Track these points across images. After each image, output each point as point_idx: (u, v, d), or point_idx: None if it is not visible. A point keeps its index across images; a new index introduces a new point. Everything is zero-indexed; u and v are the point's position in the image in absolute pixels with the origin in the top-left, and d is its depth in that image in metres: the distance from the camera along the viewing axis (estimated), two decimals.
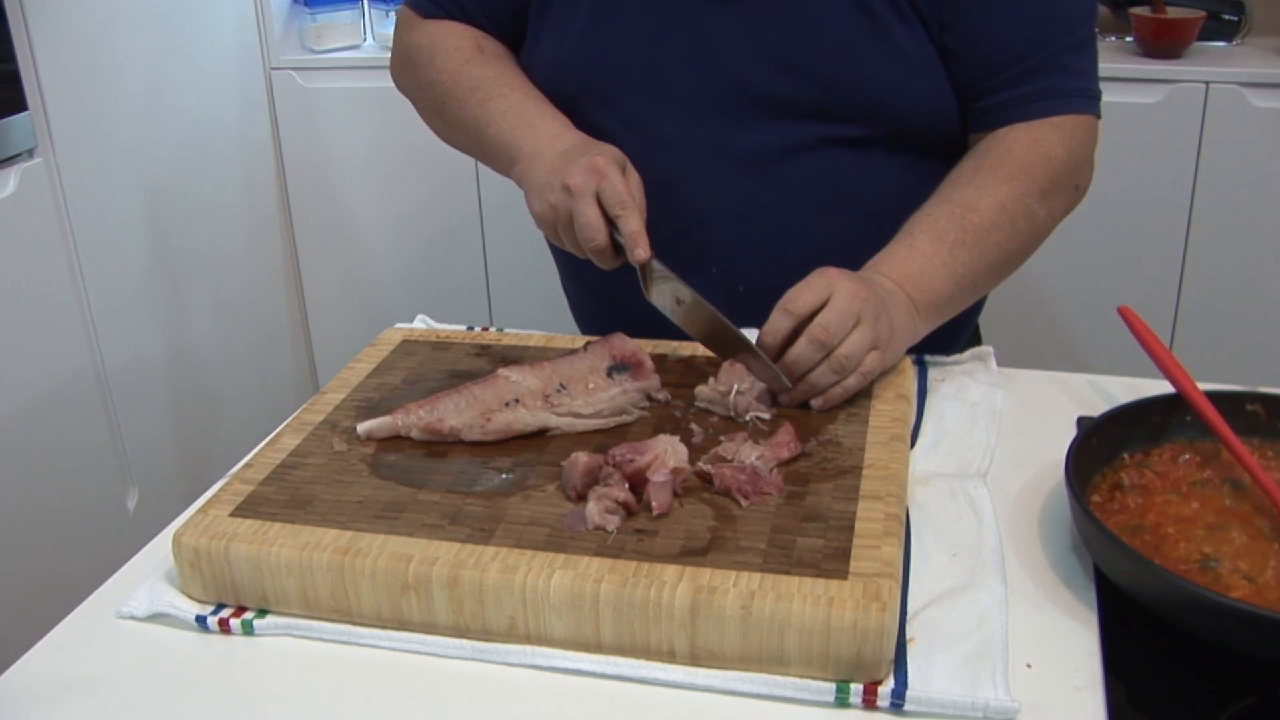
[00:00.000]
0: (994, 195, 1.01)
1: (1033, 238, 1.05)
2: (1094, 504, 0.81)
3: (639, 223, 0.95)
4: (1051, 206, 1.04)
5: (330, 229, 2.31)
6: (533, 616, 0.73)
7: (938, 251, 0.98)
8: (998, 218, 1.00)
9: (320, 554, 0.76)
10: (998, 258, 1.01)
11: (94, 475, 1.78)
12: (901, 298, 0.96)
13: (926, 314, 0.98)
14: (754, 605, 0.70)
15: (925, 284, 0.97)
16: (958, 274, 0.99)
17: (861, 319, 0.90)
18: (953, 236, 0.99)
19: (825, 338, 0.89)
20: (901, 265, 0.98)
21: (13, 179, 1.63)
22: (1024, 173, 1.02)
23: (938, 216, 1.00)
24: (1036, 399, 1.01)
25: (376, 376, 1.00)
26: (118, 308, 1.83)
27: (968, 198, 1.01)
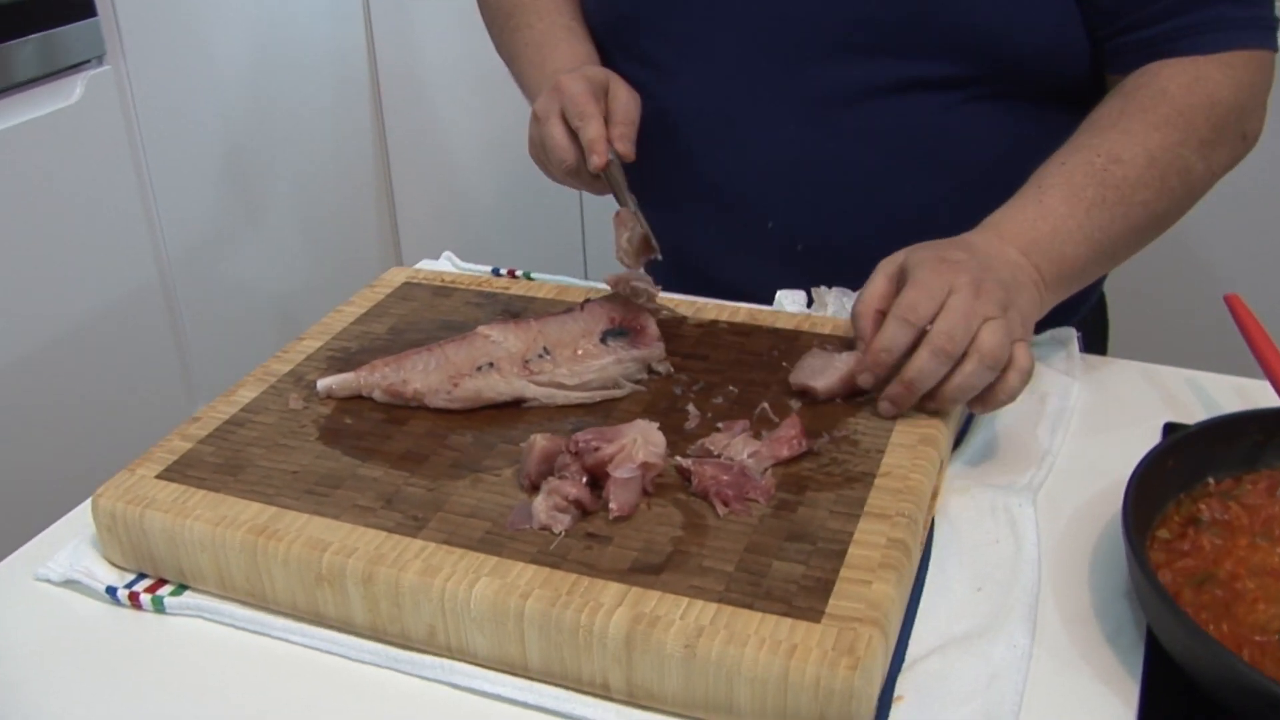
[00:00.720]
0: (1143, 144, 0.83)
1: (1187, 196, 0.86)
2: (1159, 542, 0.66)
3: (598, 129, 0.87)
4: (1212, 159, 0.86)
5: (426, 144, 2.21)
6: (453, 627, 0.63)
7: (1073, 211, 0.81)
8: (1145, 172, 0.82)
9: (234, 532, 0.67)
10: (1142, 220, 0.84)
11: (159, 389, 1.76)
12: (1028, 273, 0.79)
13: (1055, 287, 0.82)
14: (699, 645, 0.57)
15: (1056, 252, 0.80)
16: (1094, 239, 0.82)
17: (989, 315, 0.73)
18: (1091, 193, 0.81)
19: (950, 348, 0.72)
20: (1029, 228, 0.81)
21: (79, 86, 1.58)
22: (1181, 118, 0.84)
23: (1074, 167, 0.83)
24: (1120, 396, 0.84)
25: (363, 323, 0.90)
26: (188, 221, 1.79)
27: (1111, 146, 0.83)
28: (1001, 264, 0.77)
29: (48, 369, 1.56)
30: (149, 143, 1.69)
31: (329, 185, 2.11)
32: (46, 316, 1.56)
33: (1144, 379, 0.86)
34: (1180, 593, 0.62)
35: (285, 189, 2.00)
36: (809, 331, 0.85)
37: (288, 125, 1.97)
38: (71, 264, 1.59)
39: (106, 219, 1.65)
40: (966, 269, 0.74)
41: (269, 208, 1.98)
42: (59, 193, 1.56)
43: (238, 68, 1.86)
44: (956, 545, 0.70)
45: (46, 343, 1.56)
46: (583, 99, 0.88)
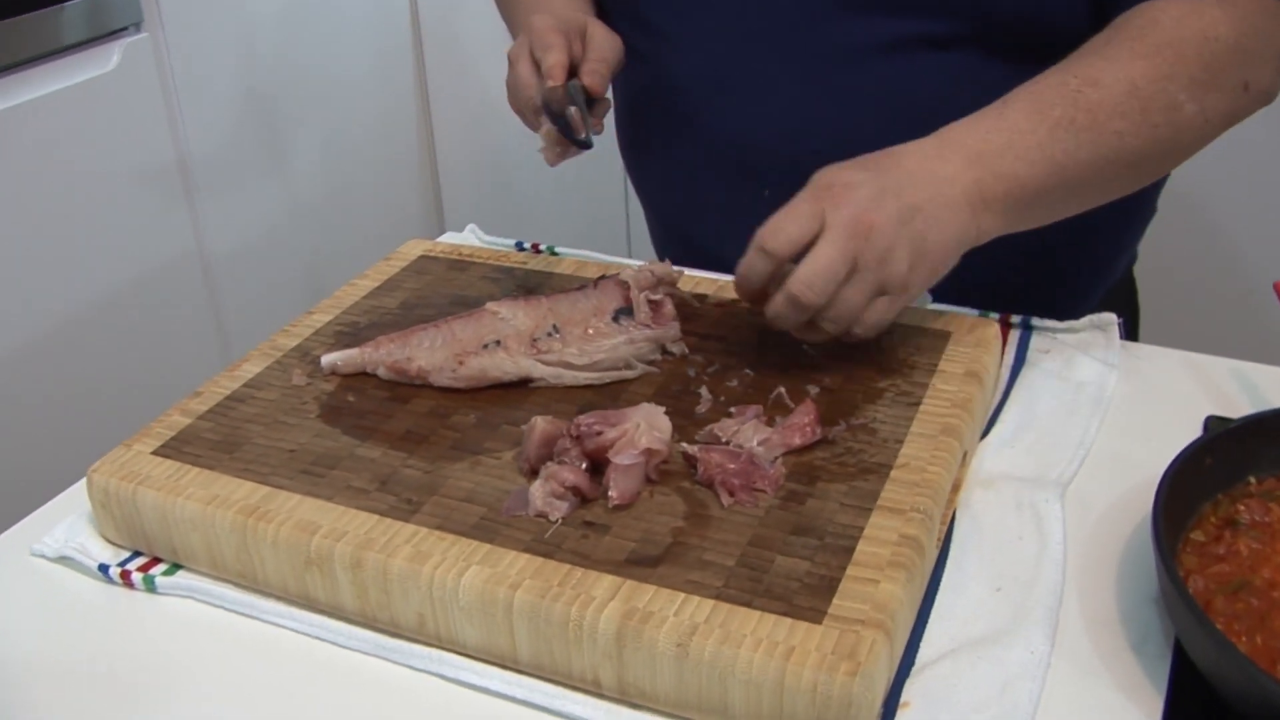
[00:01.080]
0: (1126, 71, 0.76)
1: (1173, 138, 0.78)
2: (1192, 544, 0.62)
3: (557, 57, 0.84)
4: (1205, 102, 0.77)
5: (470, 112, 2.18)
6: (441, 616, 0.60)
7: (1035, 127, 0.74)
8: (1124, 100, 0.75)
9: (225, 512, 0.65)
10: (1115, 152, 0.76)
11: (196, 358, 1.76)
12: (960, 187, 0.72)
13: (1000, 210, 0.74)
14: (692, 644, 0.55)
15: (1005, 166, 0.73)
16: (1055, 161, 0.74)
17: (860, 264, 0.69)
18: (1059, 113, 0.74)
19: (807, 299, 0.69)
20: (980, 138, 0.74)
21: (115, 54, 1.57)
22: (1170, 49, 0.76)
23: (1045, 87, 0.76)
24: (1161, 387, 0.80)
25: (375, 297, 0.88)
26: (224, 190, 1.78)
27: (1090, 69, 0.76)
28: (922, 183, 0.71)
29: (84, 337, 1.57)
30: (186, 110, 1.68)
31: (370, 154, 2.09)
32: (83, 284, 1.56)
33: (1186, 369, 0.81)
34: (1211, 601, 0.58)
35: (325, 157, 1.99)
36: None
37: (328, 93, 1.96)
38: (108, 232, 1.59)
39: (143, 186, 1.64)
40: (851, 200, 0.70)
41: (308, 175, 1.96)
42: (95, 160, 1.56)
43: (275, 34, 1.84)
44: (977, 541, 0.67)
45: (83, 309, 1.56)
46: (548, 33, 0.85)
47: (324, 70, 1.95)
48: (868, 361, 0.75)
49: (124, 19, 1.58)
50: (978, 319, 0.79)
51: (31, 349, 1.50)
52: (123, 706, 0.61)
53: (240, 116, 1.81)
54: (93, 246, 1.57)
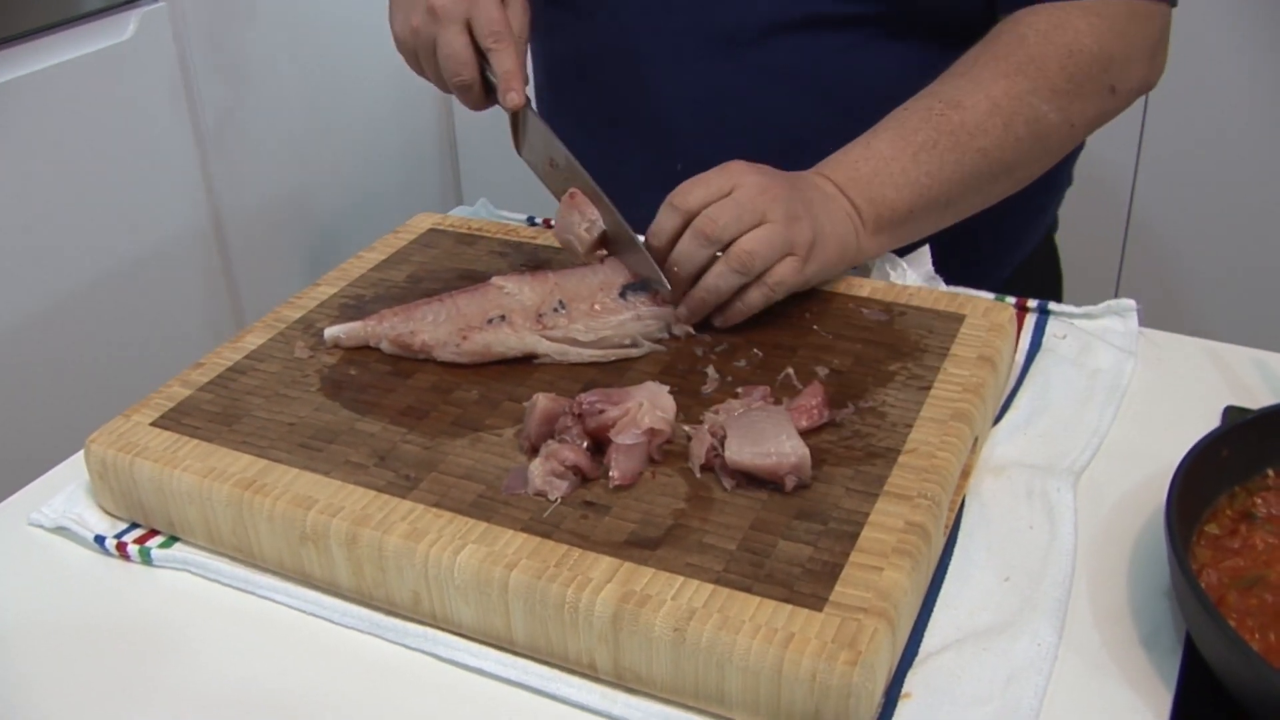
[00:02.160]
0: (987, 91, 0.80)
1: (1039, 147, 0.83)
2: (1207, 537, 0.60)
3: (514, 60, 0.81)
4: (1070, 110, 0.82)
5: None
6: (437, 595, 0.59)
7: (899, 154, 0.79)
8: (986, 119, 0.80)
9: (222, 485, 0.65)
10: (980, 167, 0.81)
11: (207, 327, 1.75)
12: (842, 205, 0.78)
13: (876, 228, 0.80)
14: (690, 628, 0.53)
15: (875, 191, 0.79)
16: (919, 183, 0.79)
17: (768, 218, 0.73)
18: (922, 137, 0.80)
19: (711, 230, 0.72)
20: (849, 167, 0.80)
21: (132, 23, 1.56)
22: (1033, 65, 0.81)
23: (911, 112, 0.81)
24: (1179, 375, 0.78)
25: (381, 270, 0.87)
26: (241, 160, 1.77)
27: (954, 92, 0.81)
28: (812, 188, 0.77)
29: (96, 306, 1.56)
30: (202, 80, 1.67)
31: (389, 126, 2.08)
32: (95, 253, 1.55)
33: (1206, 357, 0.79)
34: (1225, 596, 0.56)
35: (343, 127, 1.97)
36: (845, 294, 0.80)
37: (345, 64, 1.94)
38: (121, 201, 1.58)
39: (158, 156, 1.63)
40: (759, 173, 0.75)
41: (325, 147, 1.95)
42: (110, 129, 1.55)
43: (293, 5, 1.83)
44: (986, 529, 0.65)
45: (95, 279, 1.56)
46: (499, 17, 0.81)
47: (342, 41, 1.93)
48: (878, 343, 0.74)
49: None
50: (992, 302, 0.78)
51: (42, 317, 1.49)
52: (117, 678, 0.60)
53: (256, 87, 1.80)
54: (106, 216, 1.56)
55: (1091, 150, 1.45)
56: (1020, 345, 0.80)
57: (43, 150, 1.46)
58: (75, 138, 1.50)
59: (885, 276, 0.85)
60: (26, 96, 1.44)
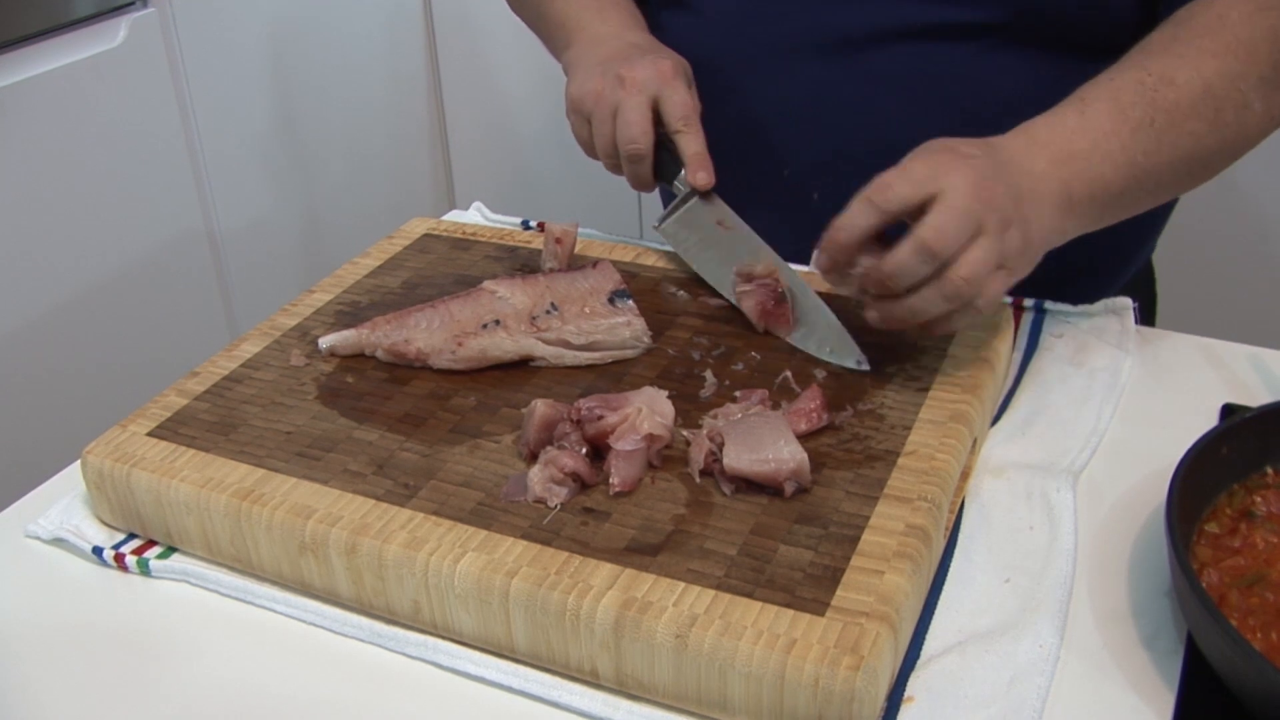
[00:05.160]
0: (1200, 70, 0.74)
1: (1240, 138, 0.76)
2: (1207, 536, 0.60)
3: (703, 143, 0.82)
4: (1272, 102, 0.76)
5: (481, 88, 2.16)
6: (437, 604, 0.59)
7: (1118, 129, 0.72)
8: (1200, 101, 0.73)
9: (219, 495, 0.64)
10: (1190, 153, 0.74)
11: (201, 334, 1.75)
12: (1052, 187, 0.70)
13: (1084, 211, 0.72)
14: (692, 635, 0.53)
15: (1093, 169, 0.71)
16: (1136, 163, 0.72)
17: (984, 228, 0.65)
18: (1139, 113, 0.72)
19: (938, 246, 0.64)
20: (1067, 140, 0.72)
21: (122, 29, 1.56)
22: (1243, 48, 0.74)
23: (1122, 85, 0.74)
24: (1177, 373, 0.78)
25: (376, 276, 0.87)
26: (233, 165, 1.77)
27: (1164, 67, 0.74)
28: (1021, 173, 0.69)
29: (89, 314, 1.56)
30: (193, 85, 1.67)
31: (381, 130, 2.08)
32: (88, 261, 1.55)
33: (1203, 355, 0.79)
34: (1226, 595, 0.56)
35: (334, 133, 1.97)
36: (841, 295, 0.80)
37: (337, 68, 1.94)
38: (114, 208, 1.58)
39: (150, 163, 1.63)
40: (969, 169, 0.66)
41: (316, 152, 1.95)
42: (102, 136, 1.54)
43: (284, 9, 1.82)
44: (986, 531, 0.65)
45: (88, 287, 1.55)
46: (689, 103, 0.82)
47: (334, 46, 1.93)
48: (875, 345, 0.74)
49: None
50: None
51: (35, 327, 1.49)
52: (117, 689, 0.60)
53: (248, 93, 1.79)
54: (99, 223, 1.56)
55: None
56: (1017, 345, 0.80)
57: (34, 157, 1.46)
58: (66, 145, 1.49)
59: None
60: (17, 103, 1.43)
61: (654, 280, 0.83)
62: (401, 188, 2.17)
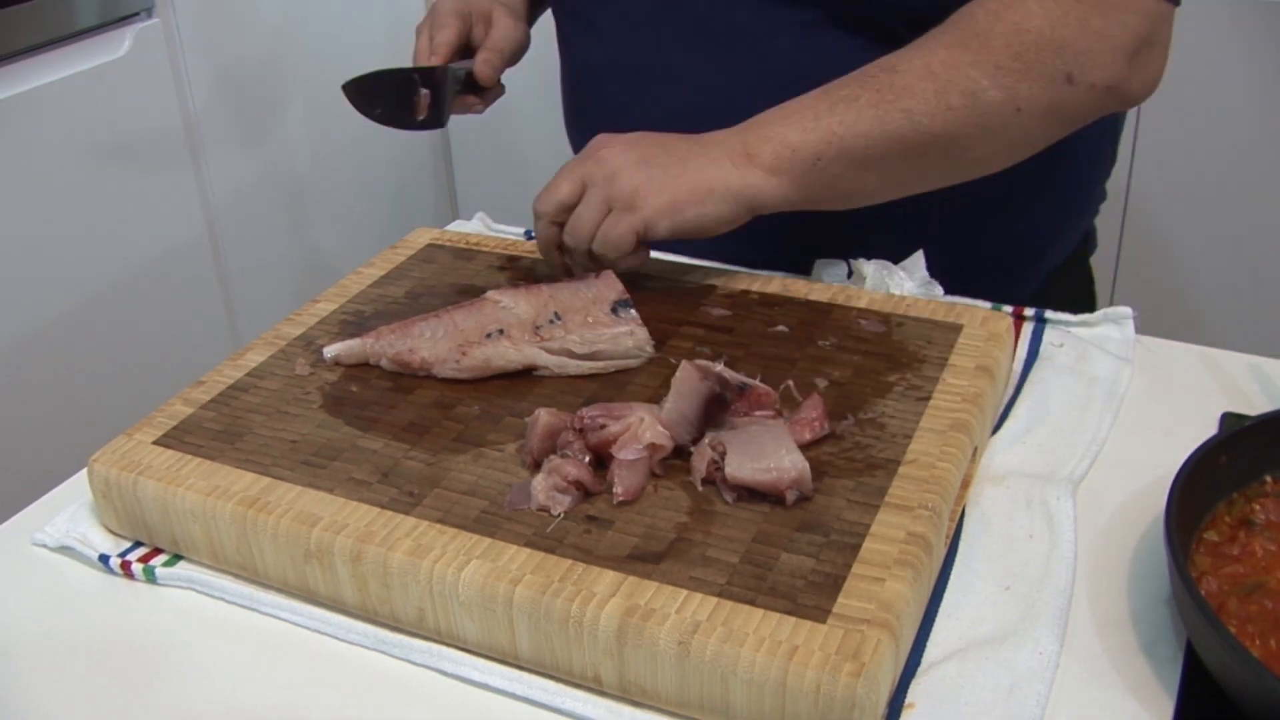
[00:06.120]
0: (924, 58, 0.78)
1: (979, 122, 0.78)
2: (1206, 545, 0.61)
3: (447, 35, 0.92)
4: (1015, 90, 0.77)
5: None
6: (442, 611, 0.60)
7: (815, 105, 0.79)
8: (918, 81, 0.77)
9: (225, 503, 0.65)
10: (905, 127, 0.77)
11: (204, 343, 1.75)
12: (723, 146, 0.79)
13: (777, 166, 0.78)
14: (694, 642, 0.54)
15: (773, 130, 0.78)
16: (830, 130, 0.77)
17: (588, 184, 0.80)
18: (844, 93, 0.78)
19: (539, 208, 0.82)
20: (758, 117, 0.81)
21: (127, 39, 1.57)
22: (976, 40, 0.78)
23: (846, 78, 0.81)
24: (1176, 382, 0.78)
25: (380, 286, 0.87)
26: (236, 175, 1.78)
27: (892, 59, 0.80)
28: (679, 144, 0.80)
29: (93, 322, 1.57)
30: (197, 96, 1.68)
31: (383, 139, 2.08)
32: (92, 269, 1.56)
33: (1202, 364, 0.80)
34: (1225, 603, 0.56)
35: (337, 142, 1.98)
36: (844, 305, 0.81)
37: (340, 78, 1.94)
38: (119, 217, 1.59)
39: (154, 172, 1.64)
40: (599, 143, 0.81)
41: (320, 161, 1.96)
42: (107, 145, 1.55)
43: (287, 20, 1.83)
44: (986, 539, 0.66)
45: (92, 295, 1.56)
46: (445, 12, 0.93)
47: (336, 57, 1.94)
48: (876, 355, 0.74)
49: (136, 4, 1.57)
50: (990, 312, 0.78)
51: (39, 335, 1.50)
52: (123, 697, 0.60)
53: (252, 103, 1.80)
54: (103, 232, 1.56)
55: None
56: (1018, 354, 0.81)
57: (39, 167, 1.46)
58: (72, 154, 1.50)
59: (883, 286, 0.85)
60: (23, 114, 1.44)
61: (657, 290, 0.84)
62: (404, 198, 2.18)
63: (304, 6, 1.87)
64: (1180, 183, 1.64)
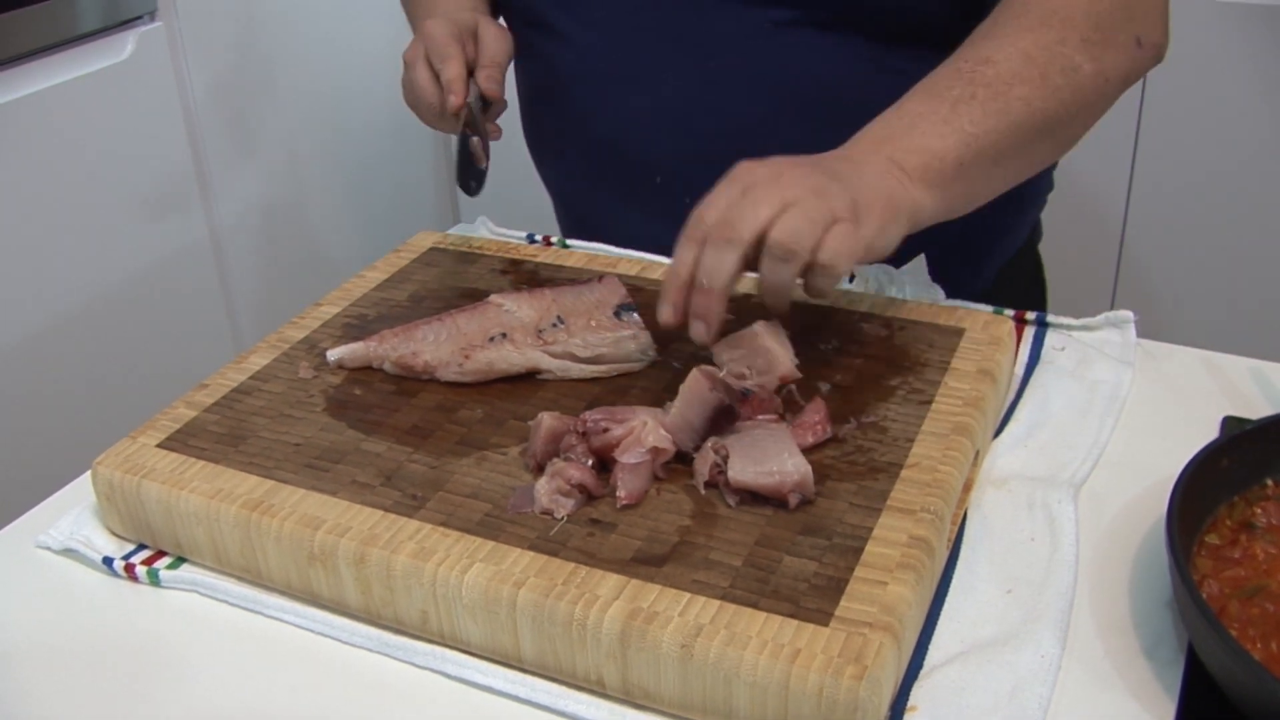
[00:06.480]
0: (1015, 44, 0.77)
1: (1078, 98, 0.78)
2: (1207, 548, 0.61)
3: (456, 69, 0.88)
4: (1103, 61, 0.78)
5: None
6: (445, 614, 0.60)
7: (935, 109, 0.75)
8: (1022, 68, 0.76)
9: (229, 506, 0.65)
10: (1025, 115, 0.76)
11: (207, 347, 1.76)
12: (877, 163, 0.73)
13: (925, 179, 0.73)
14: (697, 645, 0.54)
15: (914, 141, 0.74)
16: (964, 131, 0.74)
17: (790, 200, 0.67)
18: (957, 91, 0.76)
19: (728, 232, 0.67)
20: (881, 127, 0.76)
21: (130, 43, 1.57)
22: (1056, 17, 0.78)
23: (939, 76, 0.78)
24: (1178, 386, 0.79)
25: (383, 290, 0.88)
26: (239, 179, 1.78)
27: (980, 51, 0.78)
28: (838, 160, 0.72)
29: (96, 327, 1.57)
30: (199, 100, 1.68)
31: (384, 144, 2.09)
32: (94, 274, 1.56)
33: (1204, 368, 0.80)
34: (1226, 606, 0.57)
35: (339, 147, 1.98)
36: (845, 308, 0.81)
37: (342, 82, 1.95)
38: (120, 221, 1.59)
39: (156, 176, 1.64)
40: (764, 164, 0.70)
41: (322, 166, 1.96)
42: (109, 149, 1.55)
43: (289, 24, 1.84)
44: (988, 542, 0.66)
45: (94, 299, 1.56)
46: (443, 40, 0.89)
47: (338, 60, 1.94)
48: (878, 358, 0.75)
49: (138, 8, 1.57)
50: (991, 315, 0.78)
51: (41, 339, 1.50)
52: (126, 700, 0.61)
53: (254, 106, 1.80)
54: (105, 236, 1.57)
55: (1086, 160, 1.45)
56: (1019, 358, 0.81)
57: (42, 171, 1.47)
58: (74, 158, 1.51)
59: (883, 290, 0.85)
60: (26, 118, 1.45)
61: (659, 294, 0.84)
62: (405, 202, 2.19)
63: (307, 10, 1.87)
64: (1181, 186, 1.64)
